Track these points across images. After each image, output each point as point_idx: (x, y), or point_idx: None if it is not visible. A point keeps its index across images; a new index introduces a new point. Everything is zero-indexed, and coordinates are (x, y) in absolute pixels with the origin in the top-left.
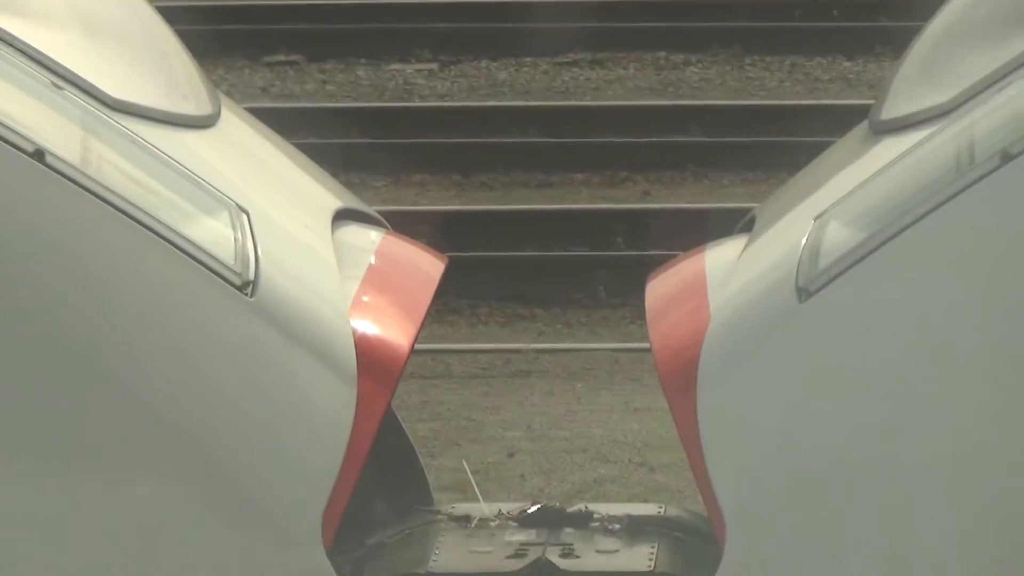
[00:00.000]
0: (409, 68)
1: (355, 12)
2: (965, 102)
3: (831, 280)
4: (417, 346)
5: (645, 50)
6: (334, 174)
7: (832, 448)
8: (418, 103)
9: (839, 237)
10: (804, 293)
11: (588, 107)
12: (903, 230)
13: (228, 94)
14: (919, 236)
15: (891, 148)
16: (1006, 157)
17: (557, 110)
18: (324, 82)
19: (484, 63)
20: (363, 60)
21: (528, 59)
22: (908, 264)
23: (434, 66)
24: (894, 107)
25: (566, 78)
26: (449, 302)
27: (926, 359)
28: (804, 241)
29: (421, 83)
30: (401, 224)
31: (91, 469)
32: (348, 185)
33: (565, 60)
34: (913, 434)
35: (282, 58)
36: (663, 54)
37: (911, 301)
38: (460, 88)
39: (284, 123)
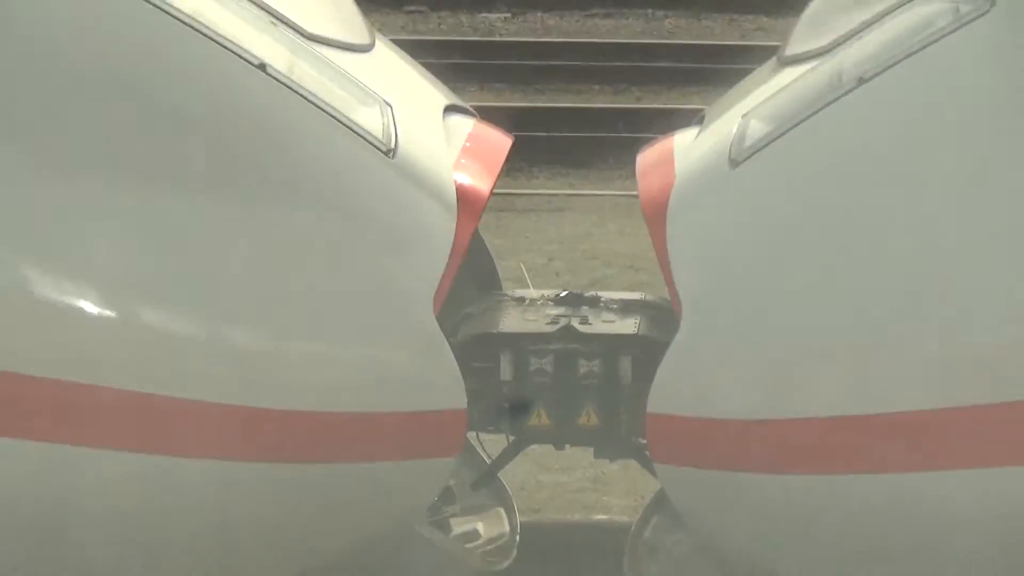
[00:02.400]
0: (492, 16)
1: None
2: (837, 46)
3: (752, 154)
4: (495, 191)
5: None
6: (444, 80)
7: (756, 270)
8: (497, 38)
9: (757, 127)
10: (734, 162)
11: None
12: (795, 126)
13: (379, 31)
14: (805, 131)
15: (790, 74)
16: (861, 81)
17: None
18: (439, 23)
19: (539, 14)
20: (464, 10)
21: (568, 11)
22: (799, 149)
23: (508, 15)
24: (793, 48)
25: (588, 25)
26: (513, 163)
27: (809, 212)
28: (735, 129)
29: (499, 26)
30: (483, 114)
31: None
32: (453, 89)
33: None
34: (801, 259)
35: (413, 8)
36: (649, 11)
37: (799, 171)
38: (525, 29)
39: (414, 50)
